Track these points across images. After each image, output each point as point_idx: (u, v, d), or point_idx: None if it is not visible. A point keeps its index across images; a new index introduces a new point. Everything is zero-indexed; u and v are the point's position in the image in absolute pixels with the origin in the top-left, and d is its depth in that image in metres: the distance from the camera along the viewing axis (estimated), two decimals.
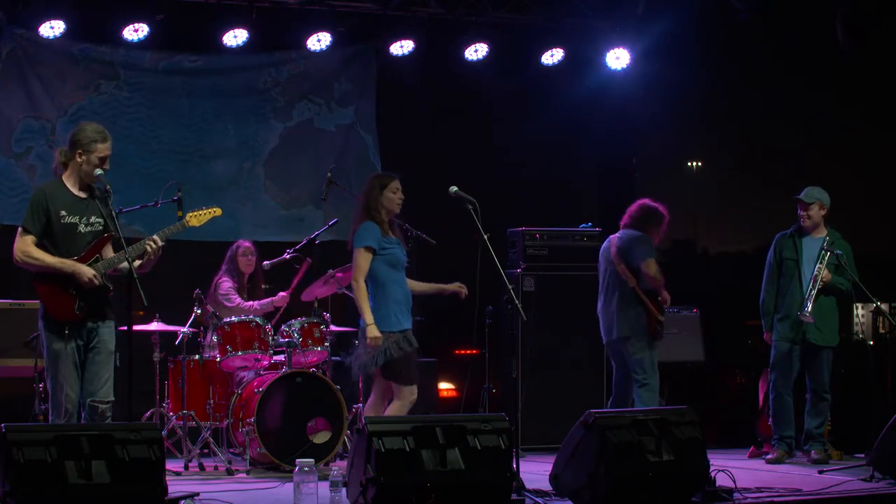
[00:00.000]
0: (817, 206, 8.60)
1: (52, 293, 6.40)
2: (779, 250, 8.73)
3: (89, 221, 6.51)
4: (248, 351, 8.28)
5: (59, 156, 6.59)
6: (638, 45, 10.99)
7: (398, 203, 7.28)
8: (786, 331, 8.58)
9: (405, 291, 7.23)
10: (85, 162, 6.47)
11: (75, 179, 6.53)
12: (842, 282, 8.48)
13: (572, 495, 6.30)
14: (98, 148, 6.48)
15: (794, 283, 8.57)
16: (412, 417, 6.56)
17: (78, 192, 6.53)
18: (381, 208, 7.24)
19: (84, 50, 10.04)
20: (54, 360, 6.40)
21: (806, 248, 8.60)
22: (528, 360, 9.37)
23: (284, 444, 8.01)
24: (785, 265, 8.66)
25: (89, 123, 6.65)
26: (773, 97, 15.97)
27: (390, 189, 7.26)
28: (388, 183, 7.28)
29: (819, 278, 8.41)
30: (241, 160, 10.57)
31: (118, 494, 5.48)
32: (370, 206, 7.26)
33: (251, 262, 9.03)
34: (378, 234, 7.17)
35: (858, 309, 9.46)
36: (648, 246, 8.31)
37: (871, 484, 7.15)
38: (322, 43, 10.40)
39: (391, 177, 7.32)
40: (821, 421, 8.59)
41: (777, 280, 8.70)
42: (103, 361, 6.49)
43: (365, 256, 7.14)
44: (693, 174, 21.10)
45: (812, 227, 8.62)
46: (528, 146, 11.18)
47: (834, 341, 8.61)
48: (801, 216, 8.64)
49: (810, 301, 8.37)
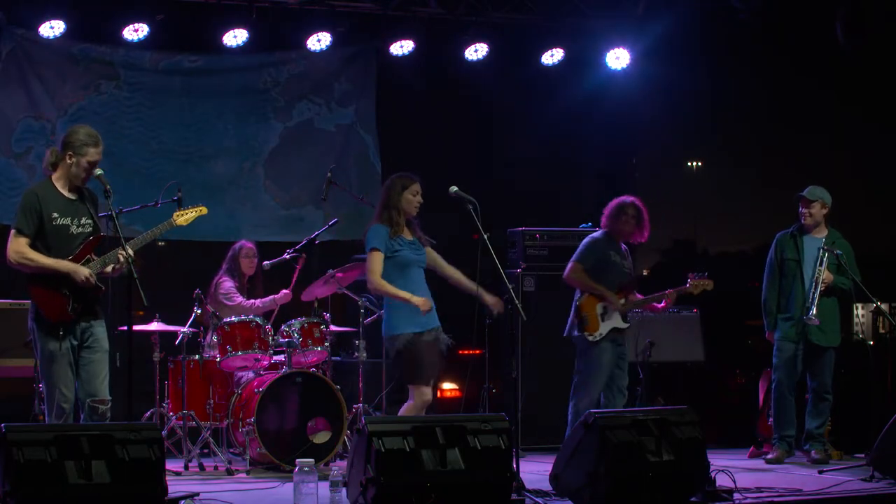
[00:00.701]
0: (819, 205, 8.61)
1: (45, 294, 6.43)
2: (780, 250, 8.72)
3: (80, 223, 6.55)
4: (248, 351, 8.28)
5: (50, 156, 6.60)
6: (638, 45, 10.99)
7: (416, 206, 7.24)
8: (789, 331, 8.58)
9: (416, 291, 7.16)
10: (74, 164, 6.49)
11: (65, 181, 6.55)
12: (843, 282, 8.48)
13: (572, 495, 6.30)
14: (89, 152, 6.50)
15: (797, 284, 8.58)
16: (412, 417, 6.57)
17: (68, 194, 6.56)
18: (398, 209, 7.23)
19: (84, 50, 10.03)
20: (49, 361, 6.43)
21: (807, 247, 8.60)
22: (528, 360, 9.38)
23: (284, 444, 8.01)
24: (786, 265, 8.66)
25: (83, 126, 6.67)
26: (774, 97, 15.99)
27: (410, 191, 7.23)
28: (410, 185, 7.24)
29: (820, 280, 8.41)
30: (241, 160, 10.56)
31: (118, 494, 5.48)
32: (387, 204, 7.24)
33: (253, 263, 9.03)
34: (385, 236, 7.16)
35: (858, 309, 9.46)
36: (586, 249, 8.24)
37: (871, 484, 7.15)
38: (322, 43, 10.40)
39: (413, 179, 7.27)
40: (821, 421, 8.59)
41: (779, 280, 8.70)
42: (99, 360, 6.52)
43: (374, 258, 7.13)
44: (693, 174, 21.13)
45: (813, 225, 8.62)
46: (528, 146, 11.17)
47: (836, 341, 8.61)
48: (802, 214, 8.64)
49: (814, 305, 8.37)
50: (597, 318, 8.15)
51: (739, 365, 10.55)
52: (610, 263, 8.21)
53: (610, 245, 8.26)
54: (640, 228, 8.28)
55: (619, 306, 8.14)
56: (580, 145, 11.54)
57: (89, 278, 6.41)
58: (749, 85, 15.84)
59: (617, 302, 8.14)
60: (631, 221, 8.23)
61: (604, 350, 8.12)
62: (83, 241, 6.53)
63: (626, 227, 8.24)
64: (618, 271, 8.22)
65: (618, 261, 8.24)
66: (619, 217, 8.25)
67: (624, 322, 8.18)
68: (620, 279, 8.21)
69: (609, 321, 8.15)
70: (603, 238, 8.29)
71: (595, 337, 8.11)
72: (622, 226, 8.24)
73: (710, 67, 13.02)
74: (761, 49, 13.78)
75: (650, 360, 9.28)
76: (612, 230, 8.28)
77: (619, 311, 8.16)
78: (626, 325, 8.20)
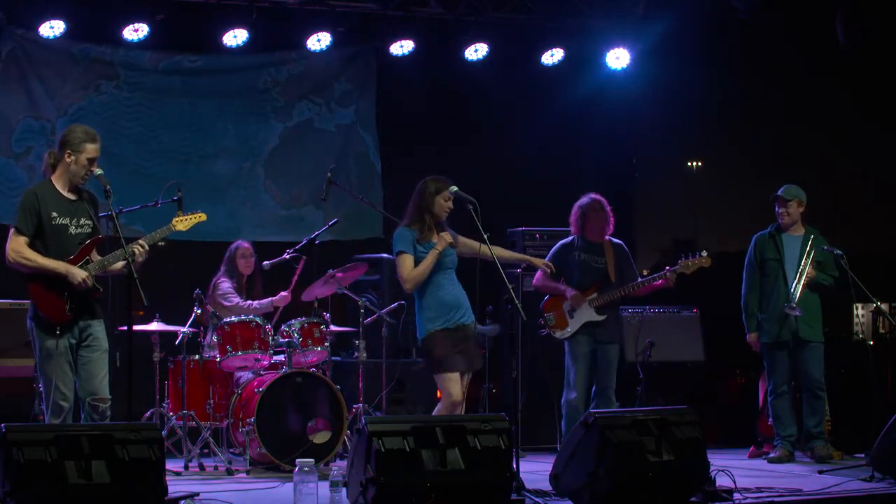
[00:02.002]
0: (796, 203, 8.68)
1: (44, 294, 6.48)
2: (759, 251, 8.77)
3: (79, 223, 6.59)
4: (248, 351, 8.28)
5: (49, 158, 6.65)
6: (638, 45, 11.00)
7: (446, 211, 7.22)
8: (773, 329, 8.61)
9: (440, 294, 7.17)
10: (74, 162, 6.53)
11: (65, 181, 6.59)
12: (825, 278, 8.56)
13: (572, 495, 6.30)
14: (87, 148, 6.53)
15: (779, 283, 8.62)
16: (412, 417, 6.58)
17: (67, 194, 6.59)
18: (431, 212, 7.21)
19: (84, 50, 10.03)
20: (47, 360, 6.46)
21: (787, 246, 8.66)
22: (527, 360, 9.37)
23: (284, 444, 8.01)
24: (768, 265, 8.71)
25: (79, 125, 6.72)
26: (774, 97, 15.98)
27: (443, 196, 7.21)
28: (443, 189, 7.23)
29: (804, 273, 8.46)
30: (241, 160, 10.57)
31: (118, 494, 5.48)
32: (418, 206, 7.22)
33: (250, 263, 9.02)
34: (411, 240, 7.15)
35: (858, 309, 9.48)
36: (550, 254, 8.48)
37: (871, 484, 7.16)
38: (322, 43, 10.40)
39: (447, 184, 7.24)
40: (818, 419, 8.60)
41: (759, 280, 8.74)
42: (98, 359, 6.55)
43: (403, 260, 7.14)
44: (693, 174, 21.12)
45: (790, 223, 8.69)
46: (528, 146, 11.17)
47: (820, 338, 8.64)
48: (779, 213, 8.71)
49: (796, 295, 8.44)
50: (564, 316, 8.40)
51: (739, 365, 10.54)
52: (575, 263, 8.42)
53: (577, 246, 8.46)
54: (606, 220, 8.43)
55: (578, 303, 8.31)
56: (580, 145, 11.53)
57: (86, 280, 6.45)
58: (749, 84, 15.83)
59: (578, 298, 8.31)
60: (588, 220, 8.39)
61: (578, 343, 8.36)
62: (82, 242, 6.56)
63: (594, 224, 8.40)
64: (585, 269, 8.41)
65: (586, 259, 8.43)
66: (581, 218, 8.44)
67: (598, 314, 8.32)
68: (593, 277, 8.37)
69: (580, 316, 8.35)
70: (570, 241, 8.52)
71: (564, 334, 8.38)
72: (591, 224, 8.41)
73: (710, 67, 13.01)
74: (761, 49, 13.78)
75: (650, 360, 9.28)
76: (582, 233, 8.45)
77: (591, 306, 8.32)
78: (602, 317, 8.32)
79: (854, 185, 15.73)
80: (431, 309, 7.14)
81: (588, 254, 8.42)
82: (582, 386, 8.29)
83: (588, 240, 8.45)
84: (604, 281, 8.36)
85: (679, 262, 8.35)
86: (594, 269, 8.39)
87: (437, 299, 7.15)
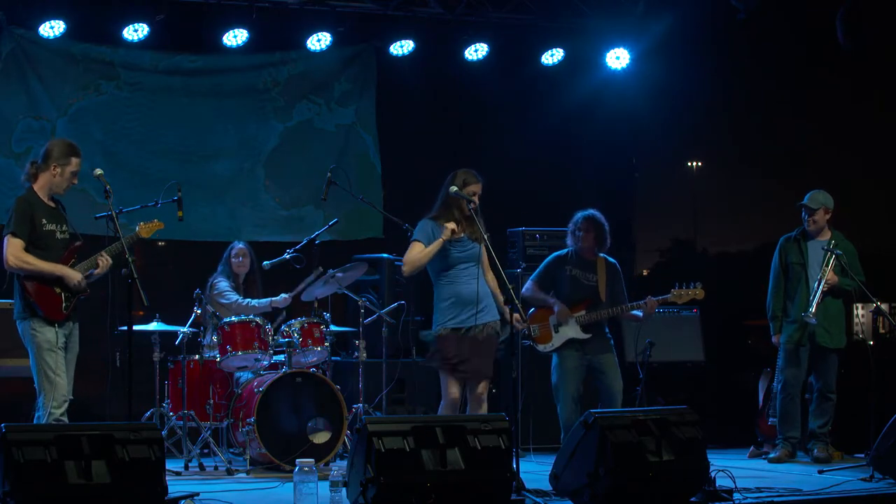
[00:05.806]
0: (822, 211, 8.66)
1: (43, 293, 6.83)
2: (784, 254, 8.77)
3: (62, 229, 6.98)
4: (248, 351, 8.28)
5: (31, 167, 7.00)
6: (638, 45, 11.00)
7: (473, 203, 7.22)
8: (795, 333, 8.61)
9: (456, 289, 7.20)
10: (59, 174, 6.90)
11: (46, 191, 6.96)
12: (847, 283, 8.51)
13: (572, 495, 6.30)
14: (73, 161, 6.94)
15: (801, 287, 8.61)
16: (412, 417, 6.58)
17: (48, 203, 6.98)
18: (458, 206, 7.21)
19: (84, 50, 10.03)
20: (48, 350, 6.79)
21: (812, 251, 8.65)
22: (527, 360, 9.37)
23: (284, 444, 8.01)
24: (792, 269, 8.71)
25: (62, 139, 7.21)
26: (774, 97, 15.96)
27: (468, 190, 7.23)
28: (471, 184, 7.25)
29: (824, 280, 8.44)
30: (241, 160, 10.56)
31: (118, 494, 5.48)
32: (444, 199, 7.25)
33: (244, 263, 9.00)
34: (430, 232, 7.21)
35: (858, 309, 9.47)
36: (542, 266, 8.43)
37: (871, 484, 7.16)
38: (322, 43, 10.41)
39: (477, 180, 7.26)
40: (825, 420, 8.63)
41: (784, 284, 8.73)
42: (72, 361, 6.98)
43: (412, 247, 7.20)
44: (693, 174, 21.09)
45: (817, 231, 8.67)
46: (528, 146, 11.17)
47: (842, 343, 8.68)
48: (806, 221, 8.68)
49: (814, 303, 8.40)
50: (549, 330, 8.23)
51: (739, 365, 10.54)
52: (566, 278, 8.28)
53: (570, 260, 8.34)
54: (599, 239, 8.25)
55: (565, 318, 8.16)
56: (580, 145, 11.54)
57: (80, 282, 6.86)
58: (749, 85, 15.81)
59: (565, 313, 8.16)
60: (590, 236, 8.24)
61: (565, 357, 8.19)
62: (65, 247, 6.94)
63: (584, 243, 8.27)
64: (575, 285, 8.27)
65: (577, 275, 8.29)
66: (574, 234, 8.34)
67: (584, 333, 8.17)
68: (582, 293, 8.24)
69: (565, 331, 8.20)
70: (564, 254, 8.39)
71: (546, 348, 8.23)
72: (581, 241, 8.28)
73: (710, 67, 12.99)
74: (761, 49, 13.76)
75: (650, 360, 9.27)
76: (574, 247, 8.34)
77: (576, 322, 8.17)
78: (587, 335, 8.16)
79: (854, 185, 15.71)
80: (444, 302, 7.17)
81: (580, 269, 8.29)
82: (571, 399, 8.11)
83: (581, 256, 8.33)
84: (594, 299, 8.25)
85: (672, 291, 8.23)
86: (584, 286, 8.27)
87: (453, 293, 7.19)
